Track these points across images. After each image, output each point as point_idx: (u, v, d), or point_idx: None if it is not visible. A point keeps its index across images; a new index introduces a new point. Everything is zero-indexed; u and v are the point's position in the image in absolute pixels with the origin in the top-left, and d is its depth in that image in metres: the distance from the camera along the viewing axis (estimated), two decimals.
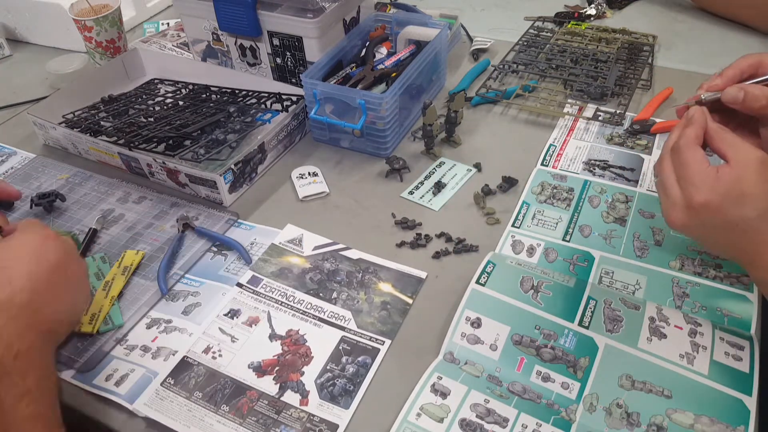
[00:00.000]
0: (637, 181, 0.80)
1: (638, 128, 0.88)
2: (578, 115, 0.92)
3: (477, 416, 0.56)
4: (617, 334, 0.60)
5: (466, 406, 0.56)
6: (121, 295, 0.70)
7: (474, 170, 0.85)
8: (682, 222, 0.54)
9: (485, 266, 0.67)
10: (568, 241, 0.73)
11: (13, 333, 0.50)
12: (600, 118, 0.92)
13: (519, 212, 0.77)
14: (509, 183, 0.79)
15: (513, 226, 0.75)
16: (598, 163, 0.83)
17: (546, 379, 0.58)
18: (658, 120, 0.90)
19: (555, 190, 0.79)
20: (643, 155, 0.84)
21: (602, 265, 0.69)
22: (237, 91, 0.99)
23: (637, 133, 0.88)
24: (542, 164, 0.84)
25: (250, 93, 0.98)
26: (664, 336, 0.60)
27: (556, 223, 0.75)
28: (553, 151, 0.86)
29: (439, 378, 0.59)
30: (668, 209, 0.55)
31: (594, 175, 0.82)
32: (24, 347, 0.50)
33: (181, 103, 0.96)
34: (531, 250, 0.72)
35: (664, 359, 0.58)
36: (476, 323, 0.63)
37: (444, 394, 0.58)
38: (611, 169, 0.82)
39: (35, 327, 0.52)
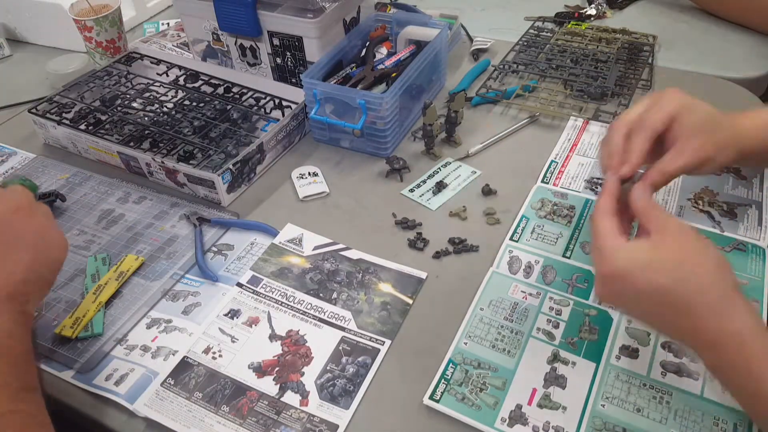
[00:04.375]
0: None
1: None
2: (583, 127, 0.91)
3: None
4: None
5: None
6: (109, 302, 0.70)
7: (479, 172, 0.84)
8: (602, 293, 0.52)
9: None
10: (569, 258, 0.71)
11: None
12: (600, 118, 0.92)
13: (518, 226, 0.76)
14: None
15: (511, 239, 0.74)
16: (600, 181, 0.81)
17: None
18: None
19: (555, 207, 0.78)
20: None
21: None
22: (231, 85, 1.00)
23: None
24: (542, 181, 0.82)
25: (245, 90, 0.98)
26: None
27: (557, 239, 0.73)
28: (554, 168, 0.84)
29: None
30: (595, 281, 0.53)
31: (596, 194, 0.79)
32: None
33: (185, 100, 0.96)
34: (528, 269, 0.70)
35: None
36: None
37: None
38: None
39: None
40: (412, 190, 0.83)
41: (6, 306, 0.51)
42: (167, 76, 1.04)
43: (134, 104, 0.97)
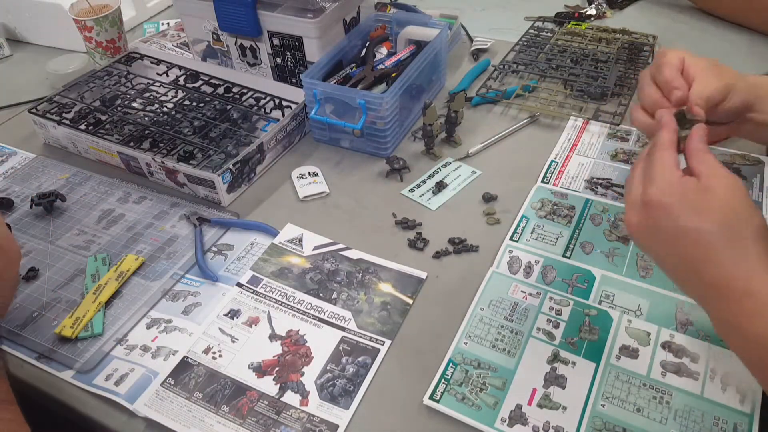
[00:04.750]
0: None
1: None
2: (583, 127, 0.91)
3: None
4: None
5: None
6: (109, 302, 0.70)
7: (479, 172, 0.84)
8: (636, 222, 0.51)
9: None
10: (569, 257, 0.71)
11: None
12: (600, 118, 0.92)
13: (518, 226, 0.76)
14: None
15: (511, 239, 0.74)
16: (600, 181, 0.81)
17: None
18: None
19: (555, 207, 0.78)
20: None
21: (603, 286, 0.67)
22: (231, 85, 1.00)
23: None
24: (542, 181, 0.82)
25: (245, 89, 0.98)
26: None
27: (557, 239, 0.73)
28: (554, 168, 0.84)
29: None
30: (627, 209, 0.52)
31: (596, 194, 0.79)
32: None
33: (185, 100, 0.96)
34: (528, 269, 0.70)
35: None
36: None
37: None
38: (614, 188, 0.80)
39: None
40: (412, 190, 0.83)
41: None
42: (167, 76, 1.04)
43: (134, 104, 0.97)
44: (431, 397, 0.58)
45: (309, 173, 0.86)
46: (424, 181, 0.84)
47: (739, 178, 0.49)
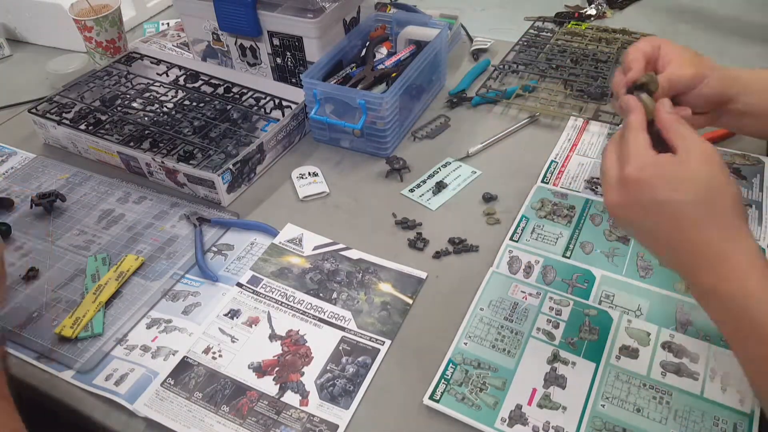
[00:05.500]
0: None
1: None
2: (583, 127, 0.91)
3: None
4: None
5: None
6: (109, 302, 0.70)
7: (479, 172, 0.84)
8: (615, 201, 0.52)
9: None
10: (569, 258, 0.71)
11: None
12: (600, 118, 0.92)
13: (518, 226, 0.75)
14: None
15: (511, 239, 0.74)
16: (600, 181, 0.81)
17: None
18: None
19: (555, 207, 0.78)
20: None
21: (603, 286, 0.67)
22: (231, 85, 1.00)
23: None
24: (542, 181, 0.82)
25: (245, 89, 0.98)
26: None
27: (557, 239, 0.73)
28: (554, 168, 0.84)
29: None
30: (605, 190, 0.53)
31: (596, 194, 0.79)
32: None
33: (185, 100, 0.96)
34: (528, 269, 0.70)
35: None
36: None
37: None
38: None
39: None
40: (412, 190, 0.83)
41: None
42: (167, 76, 1.04)
43: (134, 104, 0.97)
44: (431, 397, 0.58)
45: (309, 173, 0.86)
46: (424, 181, 0.84)
47: (713, 147, 0.50)
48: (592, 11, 1.21)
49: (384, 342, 0.64)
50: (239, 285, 0.71)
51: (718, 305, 0.49)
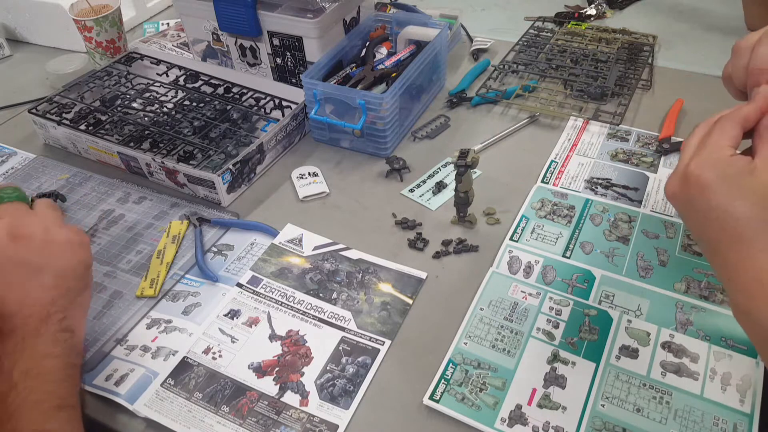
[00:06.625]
0: (641, 201, 0.77)
1: (668, 147, 0.84)
2: (583, 127, 0.91)
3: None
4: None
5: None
6: (110, 301, 0.70)
7: (479, 172, 0.84)
8: (673, 192, 0.48)
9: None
10: (569, 258, 0.71)
11: None
12: (600, 118, 0.92)
13: (518, 226, 0.75)
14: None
15: (511, 239, 0.74)
16: (600, 181, 0.81)
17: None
18: (681, 139, 0.86)
19: (555, 207, 0.78)
20: (648, 173, 0.82)
21: (603, 286, 0.67)
22: (231, 85, 1.00)
23: (668, 152, 0.84)
24: (542, 181, 0.82)
25: (245, 90, 0.98)
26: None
27: (557, 239, 0.73)
28: (554, 168, 0.84)
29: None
30: (671, 174, 0.49)
31: (596, 194, 0.79)
32: (4, 351, 0.49)
33: (185, 100, 0.96)
34: (528, 269, 0.70)
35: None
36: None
37: None
38: (614, 188, 0.80)
39: (14, 332, 0.50)
40: (412, 190, 0.83)
41: (41, 330, 0.51)
42: (167, 76, 1.04)
43: (134, 104, 0.97)
44: (431, 397, 0.58)
45: (309, 173, 0.86)
46: (424, 181, 0.84)
47: None
48: (592, 11, 1.21)
49: (384, 342, 0.64)
50: (239, 285, 0.71)
51: (753, 327, 0.46)
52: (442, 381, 0.59)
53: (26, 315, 0.51)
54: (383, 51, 0.98)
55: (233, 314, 0.68)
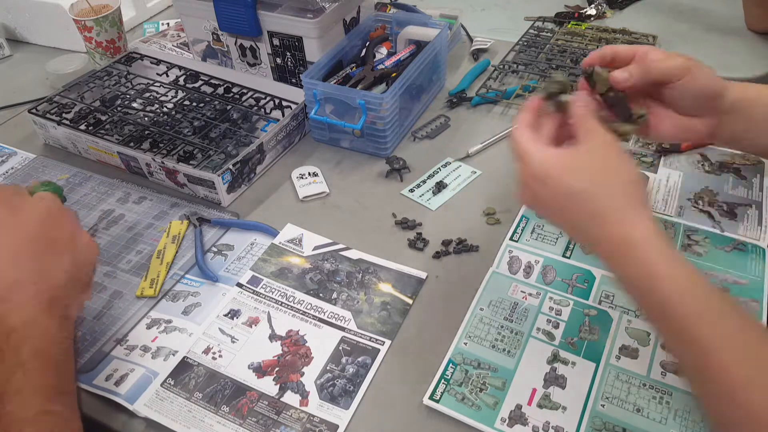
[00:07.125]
0: None
1: (668, 147, 0.85)
2: None
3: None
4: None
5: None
6: (110, 301, 0.70)
7: (479, 172, 0.84)
8: (519, 196, 0.54)
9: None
10: (569, 258, 0.71)
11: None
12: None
13: (518, 226, 0.76)
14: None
15: (511, 239, 0.74)
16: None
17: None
18: None
19: None
20: (648, 173, 0.81)
21: (602, 286, 0.67)
22: (231, 85, 1.00)
23: (668, 152, 0.84)
24: None
25: (245, 90, 0.98)
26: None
27: (557, 239, 0.73)
28: None
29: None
30: (517, 187, 0.54)
31: None
32: (18, 323, 0.49)
33: (185, 100, 0.96)
34: (528, 269, 0.70)
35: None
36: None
37: None
38: None
39: (28, 303, 0.51)
40: (412, 190, 0.83)
41: (50, 311, 0.52)
42: (167, 76, 1.04)
43: (134, 104, 0.97)
44: (431, 397, 0.58)
45: (309, 173, 0.86)
46: (424, 181, 0.84)
47: (611, 136, 0.51)
48: (592, 11, 1.21)
49: (384, 342, 0.64)
50: (239, 285, 0.71)
51: (627, 284, 0.49)
52: (442, 381, 0.59)
53: (41, 289, 0.52)
54: (383, 51, 0.98)
55: (233, 314, 0.68)
